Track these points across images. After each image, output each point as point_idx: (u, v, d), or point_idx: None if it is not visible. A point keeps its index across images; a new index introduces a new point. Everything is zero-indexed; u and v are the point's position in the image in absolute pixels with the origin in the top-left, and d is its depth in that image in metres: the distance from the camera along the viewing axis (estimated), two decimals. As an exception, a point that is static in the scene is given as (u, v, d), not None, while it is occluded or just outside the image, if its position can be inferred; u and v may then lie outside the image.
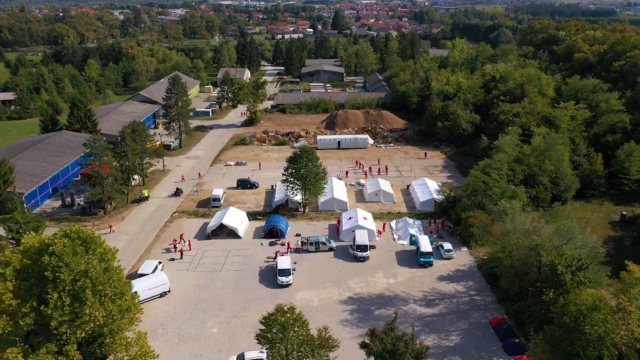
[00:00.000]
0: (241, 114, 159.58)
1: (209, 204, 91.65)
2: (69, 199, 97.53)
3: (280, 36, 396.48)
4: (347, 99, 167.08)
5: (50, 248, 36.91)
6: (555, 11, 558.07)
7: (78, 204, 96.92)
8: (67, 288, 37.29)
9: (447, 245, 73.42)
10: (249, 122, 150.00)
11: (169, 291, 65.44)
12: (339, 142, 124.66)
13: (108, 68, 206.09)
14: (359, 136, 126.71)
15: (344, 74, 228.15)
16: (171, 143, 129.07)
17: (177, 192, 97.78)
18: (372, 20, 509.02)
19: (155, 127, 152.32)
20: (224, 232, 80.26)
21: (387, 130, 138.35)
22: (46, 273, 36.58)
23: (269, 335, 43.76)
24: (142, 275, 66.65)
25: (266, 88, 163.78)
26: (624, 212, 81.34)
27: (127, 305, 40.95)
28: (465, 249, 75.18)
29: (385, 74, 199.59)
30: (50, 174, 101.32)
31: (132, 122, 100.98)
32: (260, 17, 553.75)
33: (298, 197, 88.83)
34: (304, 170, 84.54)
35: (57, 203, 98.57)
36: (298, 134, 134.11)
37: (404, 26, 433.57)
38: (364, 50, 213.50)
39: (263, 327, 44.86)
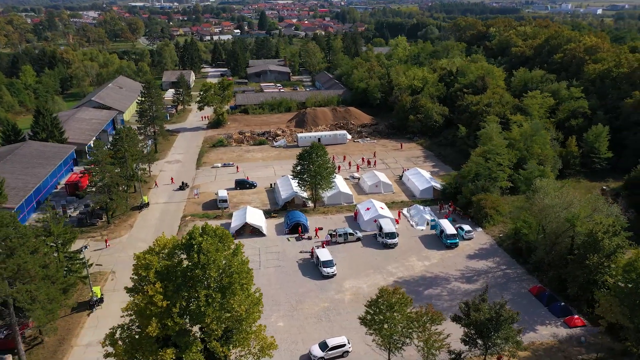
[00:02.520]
0: (202, 117, 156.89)
1: (218, 205, 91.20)
2: (60, 211, 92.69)
3: (208, 37, 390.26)
4: (308, 97, 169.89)
5: (195, 246, 36.95)
6: (466, 9, 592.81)
7: (70, 215, 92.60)
8: (213, 285, 37.53)
9: (467, 227, 79.08)
10: (216, 124, 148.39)
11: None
12: (319, 139, 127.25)
13: (44, 74, 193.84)
14: (337, 132, 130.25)
15: (290, 74, 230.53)
16: (144, 148, 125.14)
17: (183, 186, 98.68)
18: (295, 20, 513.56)
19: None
20: (247, 231, 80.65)
21: (358, 125, 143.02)
22: (197, 271, 36.59)
23: (376, 318, 46.10)
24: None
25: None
26: (604, 187, 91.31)
27: (257, 298, 41.71)
28: (479, 229, 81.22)
29: (336, 72, 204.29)
30: (33, 186, 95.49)
31: (123, 127, 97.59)
32: (180, 18, 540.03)
33: (306, 193, 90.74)
34: (315, 166, 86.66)
35: (46, 216, 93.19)
36: (275, 133, 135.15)
37: (330, 26, 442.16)
38: (312, 50, 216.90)
39: (370, 311, 47.05)
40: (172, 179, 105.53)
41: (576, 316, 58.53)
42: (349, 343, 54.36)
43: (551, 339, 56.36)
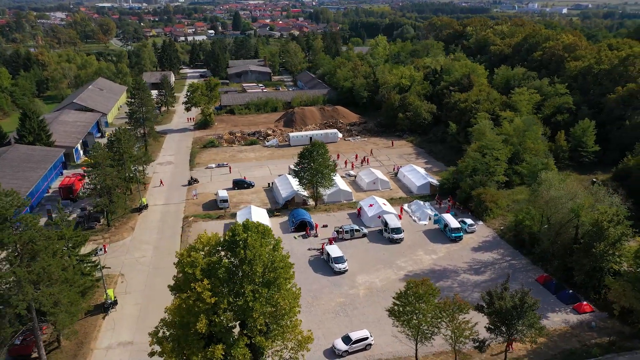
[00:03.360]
0: (187, 119, 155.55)
1: (218, 206, 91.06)
2: (56, 215, 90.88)
3: (182, 38, 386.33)
4: (293, 97, 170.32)
5: (241, 243, 37.23)
6: (437, 9, 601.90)
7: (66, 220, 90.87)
8: (258, 280, 37.89)
9: (469, 221, 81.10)
10: (203, 124, 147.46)
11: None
12: (310, 138, 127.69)
13: (20, 76, 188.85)
14: (329, 131, 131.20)
15: (271, 74, 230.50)
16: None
17: (192, 182, 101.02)
18: (268, 21, 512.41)
19: (102, 136, 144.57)
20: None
21: (347, 124, 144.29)
22: (244, 267, 36.86)
23: (406, 309, 47.19)
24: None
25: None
26: (594, 179, 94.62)
27: (296, 293, 42.23)
28: (480, 222, 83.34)
29: (319, 71, 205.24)
30: (26, 190, 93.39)
31: (118, 129, 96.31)
32: (152, 19, 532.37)
33: (307, 192, 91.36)
34: (316, 164, 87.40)
35: (41, 221, 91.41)
36: (265, 132, 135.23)
37: (305, 26, 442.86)
38: (293, 50, 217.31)
39: (398, 302, 48.12)
40: (161, 181, 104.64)
41: (585, 303, 60.88)
42: (371, 336, 55.35)
43: (563, 325, 58.51)
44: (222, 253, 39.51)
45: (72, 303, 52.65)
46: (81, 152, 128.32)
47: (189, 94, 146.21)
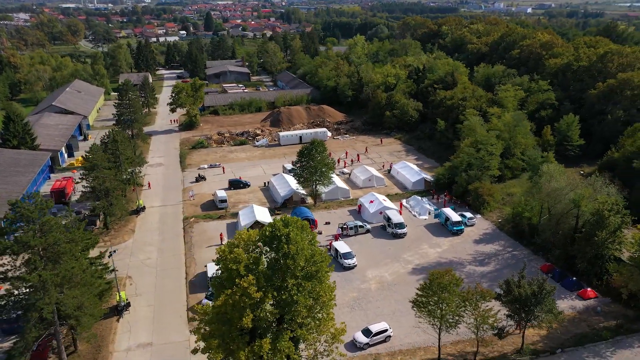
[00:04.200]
0: (170, 121, 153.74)
1: (217, 206, 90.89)
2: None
3: (154, 39, 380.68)
4: (277, 97, 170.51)
5: (283, 237, 37.72)
6: (407, 9, 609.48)
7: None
8: (299, 274, 38.45)
9: (469, 214, 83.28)
10: (189, 125, 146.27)
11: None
12: (300, 137, 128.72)
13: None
14: (318, 130, 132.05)
15: (250, 74, 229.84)
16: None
17: (199, 179, 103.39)
18: (239, 21, 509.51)
19: (85, 139, 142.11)
20: (256, 228, 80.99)
21: (334, 123, 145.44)
22: (288, 261, 37.37)
23: (431, 300, 48.51)
24: (215, 277, 65.98)
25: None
26: (581, 172, 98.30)
27: (332, 286, 42.95)
28: (478, 215, 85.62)
29: (299, 71, 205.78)
30: (18, 195, 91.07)
31: (113, 130, 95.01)
32: (120, 20, 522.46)
33: (307, 189, 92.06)
34: (315, 162, 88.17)
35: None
36: (254, 133, 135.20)
37: (277, 26, 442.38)
38: (272, 49, 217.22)
39: (421, 293, 49.40)
40: (149, 183, 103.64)
41: (589, 289, 63.48)
42: (390, 328, 56.54)
43: (570, 311, 60.92)
44: (262, 249, 39.95)
45: (93, 305, 52.17)
46: (65, 155, 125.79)
47: (174, 95, 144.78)
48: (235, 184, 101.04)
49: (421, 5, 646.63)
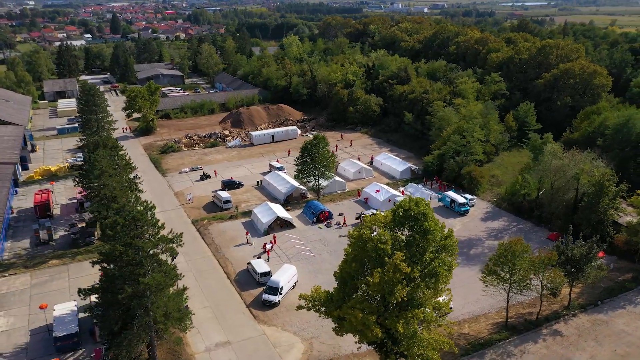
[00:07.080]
0: (123, 129, 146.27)
1: (222, 207, 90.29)
2: (44, 233, 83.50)
3: (57, 43, 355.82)
4: (228, 98, 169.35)
5: (420, 216, 40.45)
6: (313, 9, 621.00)
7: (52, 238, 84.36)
8: (433, 249, 41.60)
9: (469, 196, 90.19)
10: (146, 131, 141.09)
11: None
12: (272, 136, 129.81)
13: None
14: (289, 128, 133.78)
15: (183, 77, 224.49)
16: (77, 161, 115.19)
17: (204, 177, 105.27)
18: (144, 23, 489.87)
19: (32, 150, 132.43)
20: (277, 225, 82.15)
21: (296, 121, 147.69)
22: (429, 236, 40.18)
23: (504, 267, 53.64)
24: (266, 273, 66.65)
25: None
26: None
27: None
28: (474, 197, 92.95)
29: (239, 72, 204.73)
30: (1, 212, 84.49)
31: (105, 136, 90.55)
32: (8, 23, 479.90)
33: (310, 183, 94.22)
34: (319, 156, 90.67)
35: (23, 243, 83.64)
36: (223, 134, 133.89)
37: (189, 27, 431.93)
38: (208, 51, 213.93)
39: (494, 262, 54.36)
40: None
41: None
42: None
43: (588, 270, 69.32)
44: (395, 229, 42.58)
45: (176, 309, 51.41)
46: (20, 168, 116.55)
47: (128, 99, 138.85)
48: (229, 185, 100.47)
49: (326, 6, 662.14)
